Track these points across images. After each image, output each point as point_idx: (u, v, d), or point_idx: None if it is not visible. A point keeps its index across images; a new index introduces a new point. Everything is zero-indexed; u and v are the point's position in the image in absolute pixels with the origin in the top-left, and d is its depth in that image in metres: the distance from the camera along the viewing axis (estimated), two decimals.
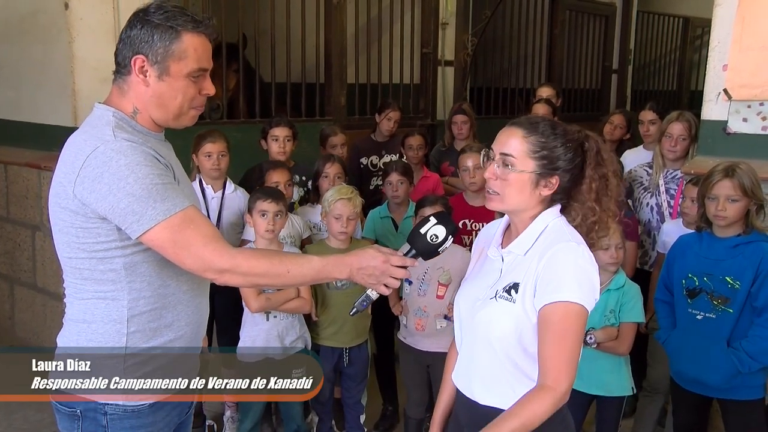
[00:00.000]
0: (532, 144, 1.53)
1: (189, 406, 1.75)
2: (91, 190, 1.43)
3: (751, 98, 2.93)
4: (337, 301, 2.99)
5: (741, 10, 2.91)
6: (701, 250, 2.52)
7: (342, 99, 5.12)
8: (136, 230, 1.44)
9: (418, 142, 4.10)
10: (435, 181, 4.07)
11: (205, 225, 1.51)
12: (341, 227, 2.92)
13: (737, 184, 2.41)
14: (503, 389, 1.57)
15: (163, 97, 1.54)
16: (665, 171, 3.40)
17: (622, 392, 2.66)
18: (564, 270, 1.49)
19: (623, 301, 2.62)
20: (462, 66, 6.02)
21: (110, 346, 1.53)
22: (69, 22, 3.52)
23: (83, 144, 1.48)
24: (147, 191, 1.43)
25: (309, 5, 4.92)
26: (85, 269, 1.52)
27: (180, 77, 1.53)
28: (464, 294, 1.70)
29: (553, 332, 1.47)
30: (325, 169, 3.35)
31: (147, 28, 1.50)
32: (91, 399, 1.55)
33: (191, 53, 1.53)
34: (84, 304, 1.56)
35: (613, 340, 2.59)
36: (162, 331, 1.57)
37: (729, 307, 2.43)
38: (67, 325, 1.61)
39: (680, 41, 9.06)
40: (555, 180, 1.55)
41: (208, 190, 3.22)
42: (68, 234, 1.51)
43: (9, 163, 4.08)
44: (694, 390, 2.56)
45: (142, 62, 1.51)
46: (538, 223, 1.57)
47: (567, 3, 6.98)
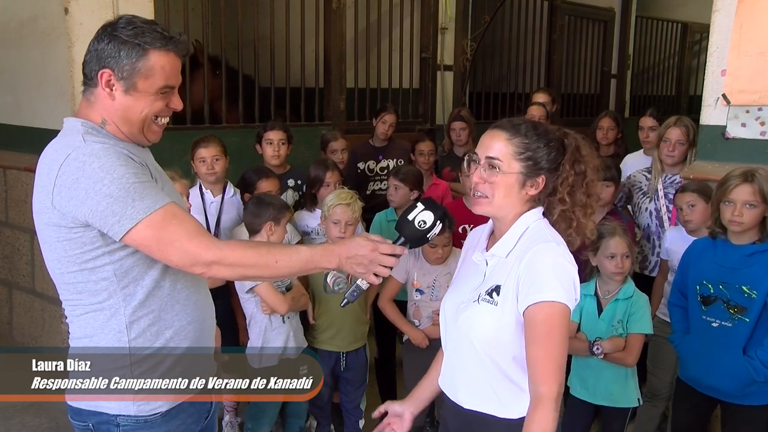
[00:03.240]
0: (516, 146, 1.55)
1: (208, 411, 1.70)
2: (69, 198, 1.43)
3: (750, 103, 2.93)
4: (333, 304, 2.99)
5: (739, 17, 2.92)
6: (716, 258, 2.47)
7: (341, 104, 5.12)
8: (118, 231, 1.43)
9: (429, 147, 4.04)
10: (444, 189, 4.03)
11: (188, 220, 1.49)
12: (339, 232, 2.93)
13: (757, 189, 2.35)
14: (486, 392, 1.57)
15: (128, 111, 1.53)
16: (664, 176, 3.40)
17: (627, 404, 2.63)
18: (544, 270, 1.49)
19: (631, 311, 2.59)
20: (461, 71, 6.03)
21: (115, 358, 1.52)
22: (68, 27, 3.52)
23: (55, 155, 1.47)
24: (125, 191, 1.42)
25: (308, 10, 4.92)
26: (78, 282, 1.52)
27: (147, 94, 1.52)
28: (449, 298, 1.71)
29: (538, 333, 1.48)
30: (327, 178, 3.35)
31: (114, 43, 1.50)
32: (104, 411, 1.54)
33: (158, 71, 1.51)
34: (83, 320, 1.55)
35: (620, 351, 2.56)
36: (164, 332, 1.56)
37: (745, 317, 2.39)
38: (72, 344, 1.60)
39: (679, 46, 9.07)
40: (541, 180, 1.56)
41: (207, 194, 3.23)
42: (56, 250, 1.50)
43: (8, 168, 4.08)
44: (704, 392, 2.52)
45: (108, 76, 1.50)
46: (519, 224, 1.58)
47: (566, 8, 6.99)
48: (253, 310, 2.86)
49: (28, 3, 3.77)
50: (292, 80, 4.92)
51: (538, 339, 1.48)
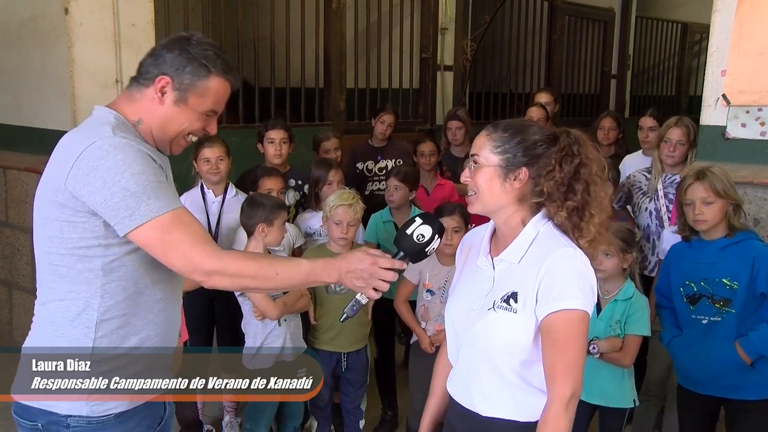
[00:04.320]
0: (493, 140, 1.56)
1: (161, 418, 1.67)
2: (84, 183, 1.43)
3: (750, 104, 2.94)
4: (335, 305, 2.98)
5: (739, 17, 2.92)
6: (693, 256, 2.53)
7: (341, 104, 5.13)
8: (127, 226, 1.43)
9: (430, 148, 4.00)
10: (450, 189, 4.00)
11: (194, 226, 1.50)
12: (341, 233, 2.92)
13: (708, 186, 2.43)
14: (506, 399, 1.57)
15: (170, 120, 1.57)
16: (664, 176, 3.40)
17: (623, 404, 2.61)
18: (565, 277, 1.49)
19: (630, 312, 2.59)
20: (461, 71, 6.04)
21: (77, 346, 1.50)
22: (69, 27, 3.52)
23: (78, 141, 1.48)
24: (142, 187, 1.43)
25: (309, 10, 4.93)
26: (63, 266, 1.50)
27: (194, 111, 1.57)
28: (456, 304, 1.69)
29: (558, 340, 1.48)
30: (329, 177, 3.35)
31: (183, 56, 1.55)
32: (54, 411, 1.51)
33: (212, 95, 1.58)
34: (55, 306, 1.53)
35: (616, 351, 2.56)
36: (130, 338, 1.55)
37: (731, 308, 2.43)
38: (35, 328, 1.59)
39: (679, 47, 9.08)
40: (523, 173, 1.54)
41: (208, 194, 3.23)
42: (52, 228, 1.49)
43: (8, 168, 4.08)
44: (705, 392, 2.53)
45: (166, 83, 1.55)
46: (529, 229, 1.57)
47: (566, 8, 7.00)
48: (248, 311, 2.86)
49: (28, 3, 3.77)
50: (292, 80, 4.93)
51: (556, 345, 1.49)
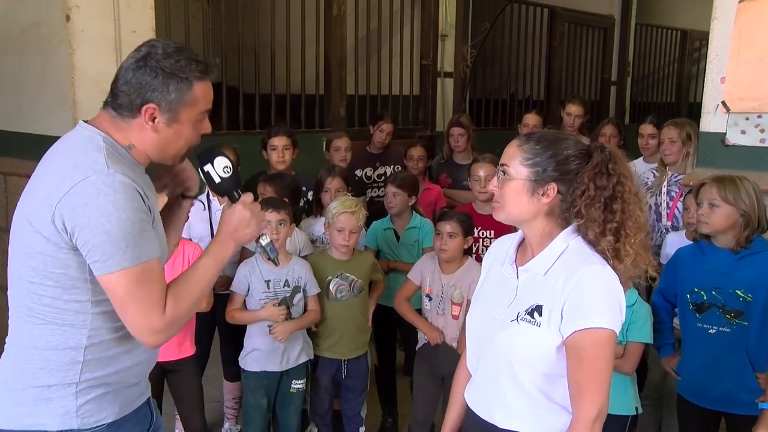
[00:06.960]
0: (524, 152, 1.54)
1: (149, 423, 1.66)
2: (70, 218, 1.39)
3: (749, 110, 2.94)
4: (335, 312, 2.99)
5: (738, 24, 2.92)
6: (705, 263, 2.47)
7: (341, 110, 5.13)
8: (99, 269, 1.41)
9: (418, 153, 4.12)
10: (437, 193, 4.09)
11: (158, 283, 1.47)
12: (343, 240, 2.91)
13: (718, 189, 2.40)
14: (525, 413, 1.55)
15: (167, 144, 1.54)
16: (670, 174, 3.55)
17: (625, 411, 2.58)
18: (593, 295, 1.47)
19: (632, 319, 2.56)
20: (461, 77, 6.05)
21: (62, 375, 1.47)
22: (70, 34, 3.53)
23: (73, 170, 1.42)
24: (123, 233, 1.39)
25: (309, 17, 4.94)
26: (47, 296, 1.46)
27: (188, 123, 1.53)
28: (478, 312, 1.68)
29: (584, 359, 1.46)
30: (326, 184, 3.36)
31: (161, 77, 1.47)
32: (44, 430, 1.47)
33: (200, 100, 1.53)
34: (37, 330, 1.47)
35: (618, 358, 2.51)
36: (119, 357, 1.52)
37: (743, 320, 2.38)
38: (12, 351, 1.52)
39: (678, 53, 9.09)
40: (552, 188, 1.53)
41: (214, 202, 3.21)
42: (35, 259, 1.44)
43: (9, 174, 4.07)
44: (707, 406, 2.49)
45: (153, 110, 1.49)
46: (558, 242, 1.55)
47: (566, 15, 7.01)
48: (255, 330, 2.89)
49: (29, 9, 3.78)
50: (293, 87, 4.93)
51: (582, 363, 1.46)
